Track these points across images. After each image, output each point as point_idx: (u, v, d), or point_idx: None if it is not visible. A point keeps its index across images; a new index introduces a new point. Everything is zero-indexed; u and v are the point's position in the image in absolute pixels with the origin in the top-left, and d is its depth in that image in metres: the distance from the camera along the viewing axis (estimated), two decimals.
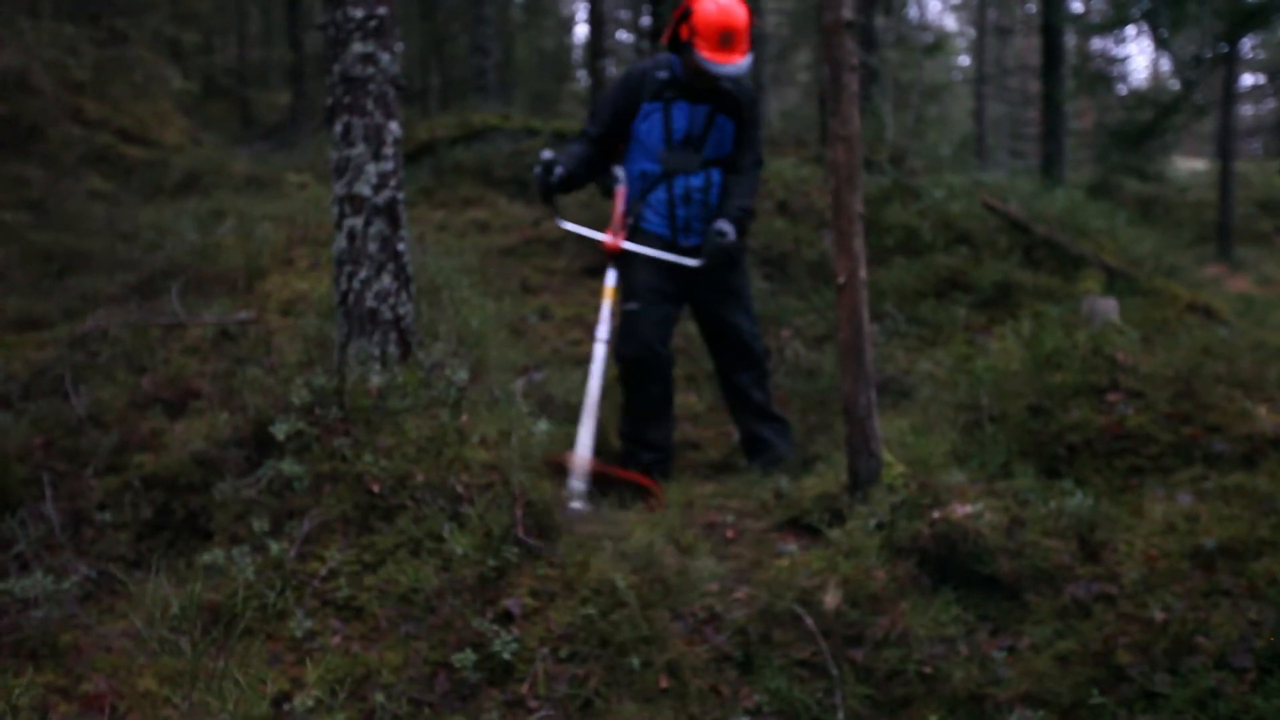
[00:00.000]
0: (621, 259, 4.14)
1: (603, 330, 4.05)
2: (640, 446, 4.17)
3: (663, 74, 4.13)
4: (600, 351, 4.01)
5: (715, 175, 4.22)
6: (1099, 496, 3.36)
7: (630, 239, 4.16)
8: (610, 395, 4.90)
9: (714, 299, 4.25)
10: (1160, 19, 12.10)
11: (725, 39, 3.96)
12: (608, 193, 4.33)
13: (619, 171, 4.30)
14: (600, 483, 3.74)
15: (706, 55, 3.95)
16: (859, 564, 3.05)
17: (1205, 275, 8.27)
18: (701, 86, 4.11)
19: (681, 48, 4.07)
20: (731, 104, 4.18)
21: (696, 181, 4.18)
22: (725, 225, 4.08)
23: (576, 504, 3.57)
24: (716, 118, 4.16)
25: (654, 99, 4.12)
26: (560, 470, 3.66)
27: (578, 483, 3.66)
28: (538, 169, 4.05)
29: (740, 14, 3.98)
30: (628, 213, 4.21)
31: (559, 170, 4.04)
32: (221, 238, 6.15)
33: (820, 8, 3.47)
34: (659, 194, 4.18)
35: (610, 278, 4.13)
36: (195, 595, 2.91)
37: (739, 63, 3.99)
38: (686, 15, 4.01)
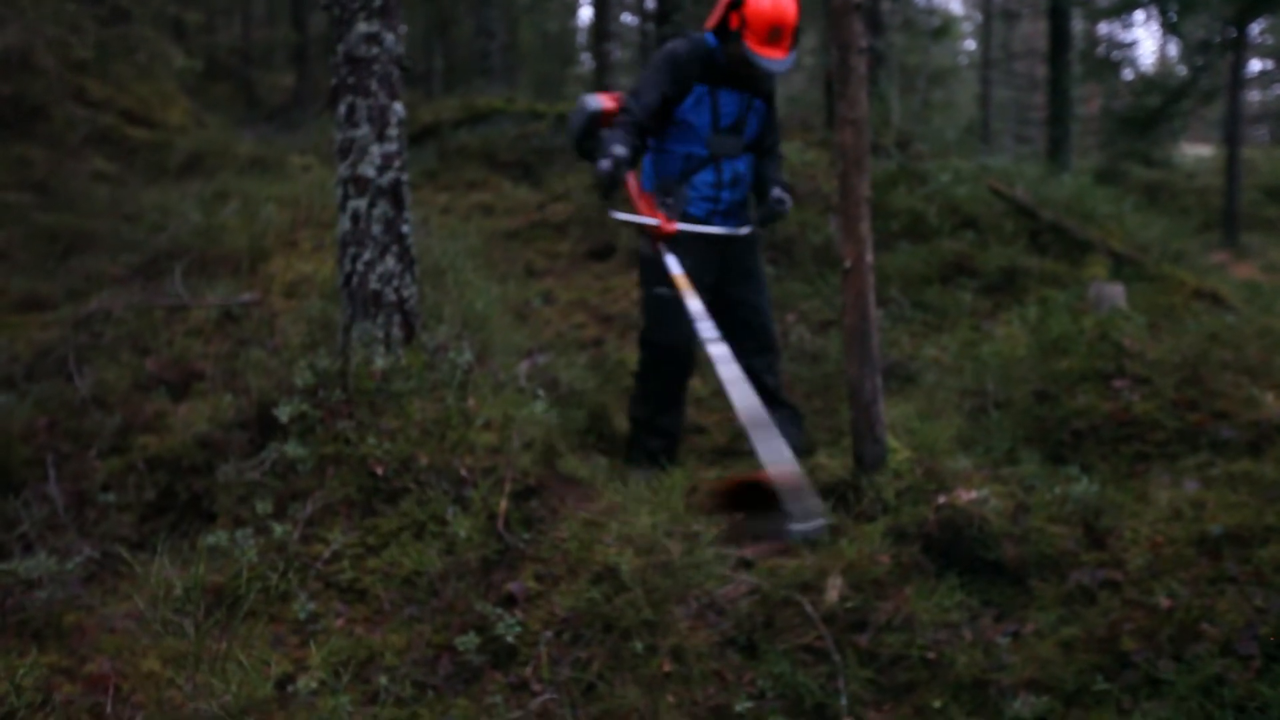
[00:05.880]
0: (671, 242, 4.04)
1: (708, 328, 3.55)
2: (650, 433, 4.15)
3: (704, 56, 4.08)
4: (721, 352, 3.44)
5: (751, 159, 4.23)
6: (1104, 483, 3.35)
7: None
8: (615, 378, 4.90)
9: (739, 281, 4.23)
10: (1169, 3, 12.03)
11: (774, 34, 3.93)
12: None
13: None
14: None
15: (754, 48, 3.92)
16: (863, 549, 3.04)
17: (1211, 261, 8.22)
18: (743, 74, 4.09)
19: (728, 36, 4.03)
20: (765, 90, 4.18)
21: (741, 166, 4.18)
22: (783, 193, 4.15)
23: (817, 521, 2.99)
24: (754, 103, 4.16)
25: (701, 82, 4.09)
26: (760, 494, 3.09)
27: (811, 500, 3.05)
28: (607, 164, 3.80)
29: (791, 10, 3.95)
30: (666, 193, 4.15)
31: (626, 169, 3.91)
32: (225, 219, 6.15)
33: None
34: (705, 176, 4.14)
35: (674, 264, 3.88)
36: (199, 577, 2.91)
37: (784, 59, 3.97)
38: (738, 4, 3.97)
